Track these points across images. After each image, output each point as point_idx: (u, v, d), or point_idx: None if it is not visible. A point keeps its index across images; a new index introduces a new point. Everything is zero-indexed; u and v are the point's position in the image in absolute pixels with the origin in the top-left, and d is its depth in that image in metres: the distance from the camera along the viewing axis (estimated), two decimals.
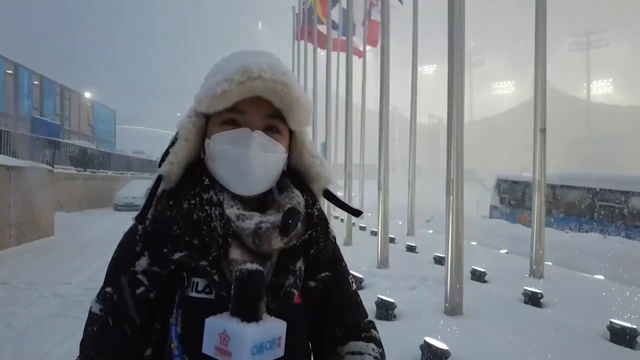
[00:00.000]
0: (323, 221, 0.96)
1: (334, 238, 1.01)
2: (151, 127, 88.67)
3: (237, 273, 0.73)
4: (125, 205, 20.42)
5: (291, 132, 0.96)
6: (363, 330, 0.99)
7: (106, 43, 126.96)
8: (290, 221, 0.85)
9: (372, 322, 1.02)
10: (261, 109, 0.89)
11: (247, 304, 0.72)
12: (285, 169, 0.97)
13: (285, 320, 0.77)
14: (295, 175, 0.98)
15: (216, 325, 0.72)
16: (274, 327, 0.74)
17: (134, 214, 0.87)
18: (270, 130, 0.90)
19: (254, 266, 0.74)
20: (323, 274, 0.95)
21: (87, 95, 42.97)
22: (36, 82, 33.13)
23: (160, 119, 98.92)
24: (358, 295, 1.04)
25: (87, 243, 10.52)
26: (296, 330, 0.86)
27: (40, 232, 10.75)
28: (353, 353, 0.95)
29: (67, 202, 17.21)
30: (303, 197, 0.94)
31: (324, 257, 0.95)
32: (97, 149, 28.35)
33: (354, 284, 1.04)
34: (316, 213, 0.95)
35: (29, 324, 4.83)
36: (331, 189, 1.00)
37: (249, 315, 0.71)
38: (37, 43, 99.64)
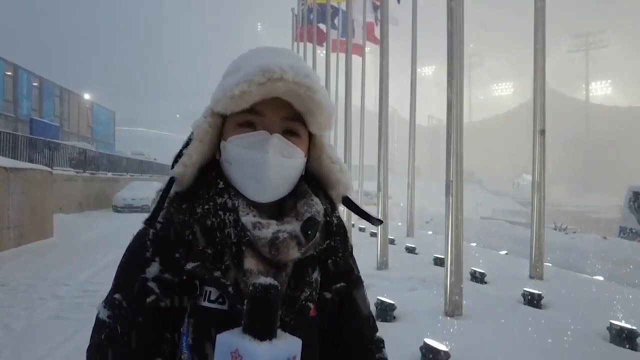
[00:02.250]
0: (342, 230, 0.92)
1: (351, 247, 0.97)
2: (150, 129, 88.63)
3: (251, 288, 0.69)
4: (124, 207, 20.38)
5: (310, 135, 0.91)
6: (376, 349, 0.97)
7: (106, 44, 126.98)
8: (309, 232, 0.82)
9: (382, 341, 1.00)
10: (281, 111, 0.85)
11: (260, 321, 0.68)
12: (303, 173, 0.92)
13: (300, 333, 0.74)
14: (313, 179, 0.94)
15: (228, 342, 0.68)
16: (288, 346, 0.69)
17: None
18: (289, 133, 0.86)
19: (269, 280, 0.70)
20: (339, 285, 0.92)
21: (86, 96, 42.96)
22: (35, 84, 33.13)
23: (160, 120, 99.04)
24: (369, 307, 1.01)
25: (87, 244, 10.50)
26: (310, 343, 0.83)
27: (39, 233, 10.73)
28: None
29: (66, 204, 17.18)
30: (322, 204, 0.89)
31: (341, 268, 0.92)
32: (96, 150, 28.33)
33: (367, 295, 1.01)
34: (335, 222, 0.91)
35: (28, 325, 4.81)
36: (350, 196, 0.97)
37: (262, 333, 0.67)
38: (36, 44, 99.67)
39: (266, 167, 0.82)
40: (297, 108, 0.85)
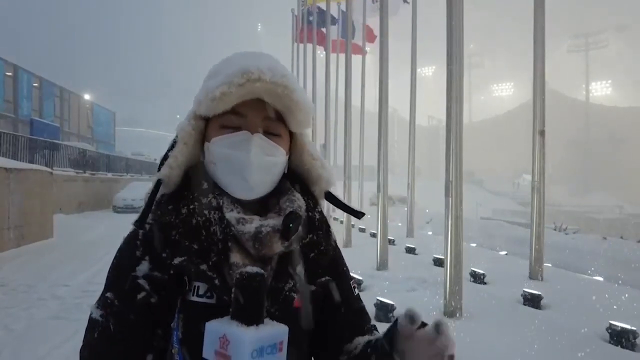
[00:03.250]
0: (324, 225, 0.96)
1: (335, 242, 0.99)
2: (150, 129, 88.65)
3: (237, 276, 0.72)
4: (124, 207, 20.40)
5: (291, 134, 0.95)
6: (367, 332, 0.98)
7: (106, 45, 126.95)
8: (291, 225, 0.84)
9: (375, 326, 1.01)
10: (261, 111, 0.88)
11: (247, 307, 0.71)
12: (285, 172, 0.96)
13: (285, 324, 0.76)
14: (295, 177, 0.98)
15: (216, 329, 0.71)
16: (275, 332, 0.73)
17: (134, 216, 0.87)
18: (270, 133, 0.89)
19: (255, 269, 0.73)
20: (323, 279, 0.94)
21: (87, 97, 43.00)
22: (35, 84, 33.16)
23: (160, 120, 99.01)
24: (361, 300, 1.02)
25: (86, 245, 10.51)
26: (297, 334, 0.84)
27: (39, 234, 10.73)
28: (365, 341, 0.93)
29: (66, 204, 17.19)
30: (304, 200, 0.93)
31: (324, 261, 0.94)
32: (96, 150, 28.34)
33: (356, 289, 1.02)
34: (317, 216, 0.95)
35: (28, 326, 4.82)
36: (332, 191, 1.00)
37: (249, 318, 0.71)
38: (36, 45, 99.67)
39: (249, 165, 0.85)
40: (277, 108, 0.88)
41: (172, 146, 0.90)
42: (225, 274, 0.82)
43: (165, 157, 0.89)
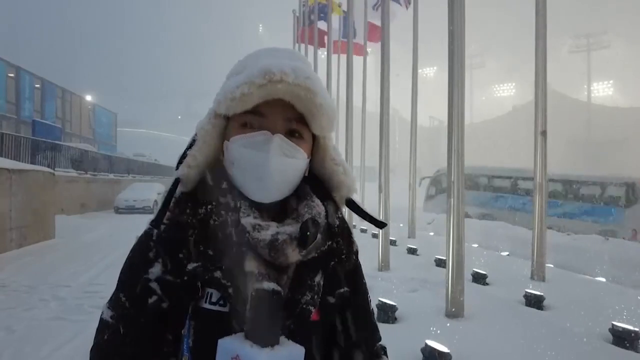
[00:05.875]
0: (345, 231, 0.92)
1: (357, 251, 0.96)
2: (152, 130, 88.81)
3: (253, 293, 0.69)
4: (126, 208, 20.41)
5: (314, 137, 0.91)
6: (376, 355, 0.97)
7: (107, 46, 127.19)
8: (308, 233, 0.81)
9: (384, 348, 1.00)
10: (283, 111, 0.85)
11: (262, 327, 0.68)
12: (306, 175, 0.92)
13: (300, 338, 0.73)
14: (316, 182, 0.94)
15: (229, 347, 0.68)
16: (290, 353, 0.69)
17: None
18: (291, 134, 0.86)
19: (271, 285, 0.70)
20: (342, 290, 0.91)
21: (88, 98, 43.15)
22: (37, 85, 33.27)
23: (161, 121, 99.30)
24: (374, 315, 1.00)
25: (88, 246, 10.51)
26: (312, 348, 0.82)
27: (41, 235, 10.74)
28: None
29: (68, 205, 17.20)
30: (324, 205, 0.89)
31: (345, 271, 0.91)
32: (98, 151, 28.38)
33: (371, 302, 1.01)
34: (337, 223, 0.91)
35: (29, 327, 4.81)
36: (354, 198, 0.97)
37: (264, 339, 0.67)
38: (38, 46, 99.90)
39: (268, 166, 0.82)
40: (298, 110, 0.85)
41: (191, 145, 0.88)
42: (239, 282, 0.79)
43: (183, 156, 0.87)
